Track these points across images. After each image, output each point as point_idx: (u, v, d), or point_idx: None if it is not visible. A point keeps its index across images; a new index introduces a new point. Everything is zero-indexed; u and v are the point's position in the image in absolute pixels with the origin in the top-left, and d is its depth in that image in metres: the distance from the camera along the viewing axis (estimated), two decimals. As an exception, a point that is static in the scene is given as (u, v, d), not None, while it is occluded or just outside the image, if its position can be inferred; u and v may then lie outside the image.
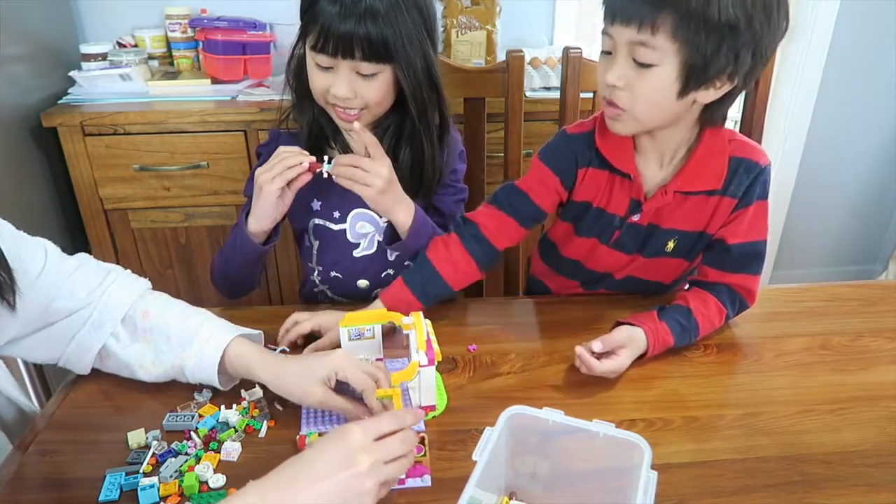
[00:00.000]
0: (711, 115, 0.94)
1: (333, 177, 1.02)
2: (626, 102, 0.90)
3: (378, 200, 1.03)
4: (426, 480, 0.75)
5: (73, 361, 0.90)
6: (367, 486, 0.64)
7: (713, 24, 0.81)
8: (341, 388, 0.82)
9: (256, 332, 0.93)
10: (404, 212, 1.06)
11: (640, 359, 0.96)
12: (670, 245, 1.05)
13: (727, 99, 0.92)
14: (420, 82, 1.03)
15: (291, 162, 1.00)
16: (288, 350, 0.98)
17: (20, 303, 0.78)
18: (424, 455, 0.77)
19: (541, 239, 1.25)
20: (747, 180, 0.98)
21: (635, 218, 1.03)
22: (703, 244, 1.05)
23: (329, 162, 1.02)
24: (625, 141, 0.99)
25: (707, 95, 0.89)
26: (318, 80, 1.03)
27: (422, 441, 0.79)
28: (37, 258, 0.85)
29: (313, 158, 1.02)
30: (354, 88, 1.01)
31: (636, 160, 1.00)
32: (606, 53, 0.91)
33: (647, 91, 0.88)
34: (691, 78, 0.86)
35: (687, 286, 1.09)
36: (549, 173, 1.06)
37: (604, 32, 0.90)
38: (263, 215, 1.04)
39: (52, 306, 0.85)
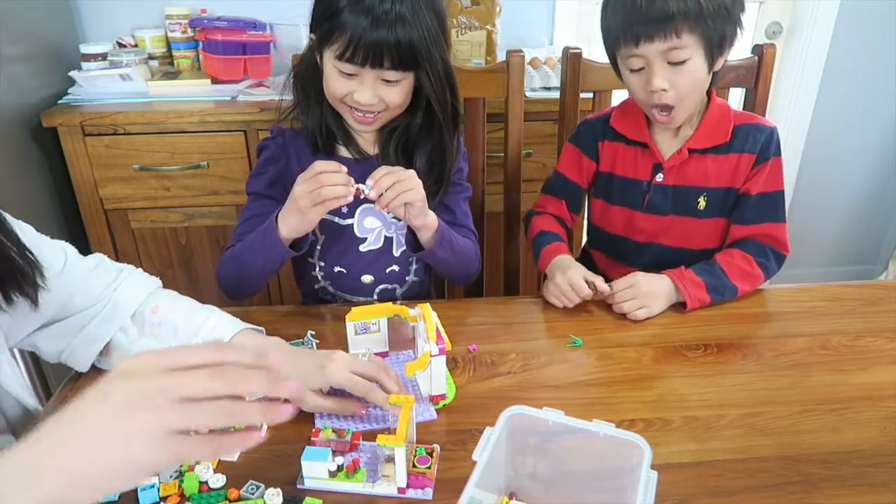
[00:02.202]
0: (714, 77, 1.11)
1: (375, 199, 0.99)
2: (673, 97, 1.05)
3: (423, 209, 1.03)
4: (427, 493, 0.74)
5: (76, 354, 0.90)
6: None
7: (716, 7, 1.00)
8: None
9: (259, 328, 0.94)
10: (432, 218, 1.07)
11: (684, 307, 1.07)
12: (702, 203, 1.17)
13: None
14: (442, 83, 1.06)
15: (335, 193, 0.95)
16: (317, 342, 0.99)
17: (42, 300, 0.80)
18: (430, 468, 0.76)
19: (588, 231, 1.35)
20: (761, 139, 1.13)
21: (659, 179, 1.17)
22: (732, 200, 1.17)
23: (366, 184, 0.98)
24: (639, 117, 1.17)
25: (721, 62, 1.07)
26: (340, 87, 1.04)
27: (430, 454, 0.78)
28: (57, 259, 0.88)
29: (356, 186, 0.97)
30: (378, 94, 1.03)
31: (651, 132, 1.17)
32: (638, 70, 1.06)
33: (689, 81, 1.05)
34: (714, 53, 1.05)
35: None
36: (576, 151, 1.25)
37: (629, 56, 1.06)
38: (299, 229, 1.02)
39: (69, 304, 0.87)
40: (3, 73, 1.60)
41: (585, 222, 1.37)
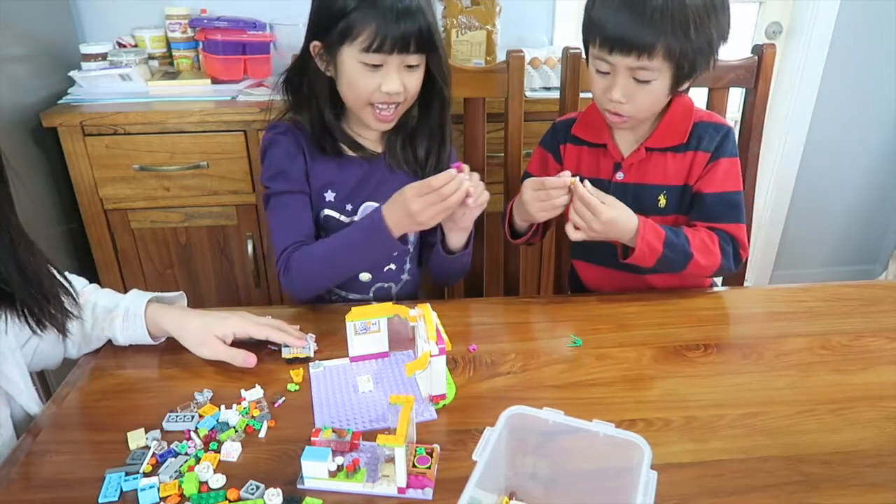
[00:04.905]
0: (680, 90, 1.11)
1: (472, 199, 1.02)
2: (629, 111, 1.06)
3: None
4: (427, 493, 0.74)
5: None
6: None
7: (699, 41, 1.00)
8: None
9: (178, 293, 1.04)
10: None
11: (630, 253, 1.07)
12: (662, 201, 1.17)
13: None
14: (447, 65, 1.12)
15: (454, 202, 1.00)
16: (316, 346, 0.99)
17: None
18: (430, 467, 0.76)
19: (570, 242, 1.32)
20: (717, 137, 1.14)
21: (619, 177, 1.18)
22: (689, 196, 1.17)
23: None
24: (600, 122, 1.17)
25: (686, 85, 1.08)
26: (367, 81, 1.05)
27: (430, 454, 0.78)
28: None
29: (465, 191, 1.00)
30: (402, 82, 1.06)
31: (611, 132, 1.18)
32: (604, 73, 1.06)
33: (648, 99, 1.06)
34: (681, 80, 1.05)
35: None
36: (544, 153, 1.28)
37: (598, 58, 1.05)
38: (411, 231, 1.06)
39: None
40: (3, 73, 1.60)
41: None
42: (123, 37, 1.96)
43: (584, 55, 1.15)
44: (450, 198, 0.99)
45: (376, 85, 1.05)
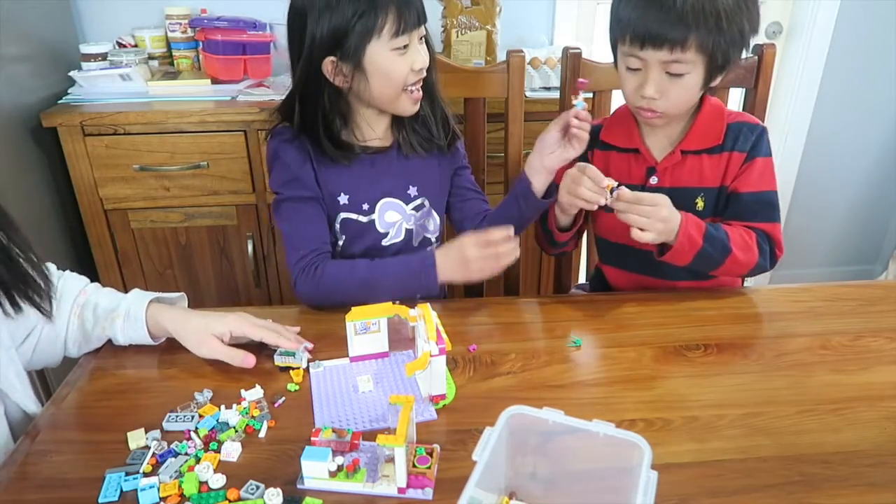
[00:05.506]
0: (713, 84, 1.09)
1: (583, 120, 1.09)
2: (662, 106, 1.06)
3: None
4: (427, 493, 0.74)
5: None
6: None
7: (731, 33, 0.99)
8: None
9: (179, 293, 1.04)
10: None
11: (668, 250, 1.05)
12: (700, 203, 1.15)
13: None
14: None
15: (510, 261, 1.03)
16: (309, 356, 0.98)
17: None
18: (430, 468, 0.76)
19: (596, 244, 1.33)
20: (752, 137, 1.12)
21: (653, 181, 1.16)
22: (725, 197, 1.15)
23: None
24: (630, 124, 1.17)
25: (718, 79, 1.06)
26: (400, 66, 1.08)
27: (430, 454, 0.78)
28: None
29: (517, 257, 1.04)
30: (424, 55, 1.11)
31: (643, 137, 1.17)
32: (635, 70, 1.05)
33: (681, 94, 1.05)
34: (714, 73, 1.04)
35: None
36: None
37: (629, 54, 1.04)
38: (450, 279, 1.09)
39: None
40: (3, 73, 1.60)
41: (594, 238, 1.34)
42: (123, 37, 1.96)
43: (612, 54, 1.12)
44: (503, 258, 1.02)
45: (408, 67, 1.08)
